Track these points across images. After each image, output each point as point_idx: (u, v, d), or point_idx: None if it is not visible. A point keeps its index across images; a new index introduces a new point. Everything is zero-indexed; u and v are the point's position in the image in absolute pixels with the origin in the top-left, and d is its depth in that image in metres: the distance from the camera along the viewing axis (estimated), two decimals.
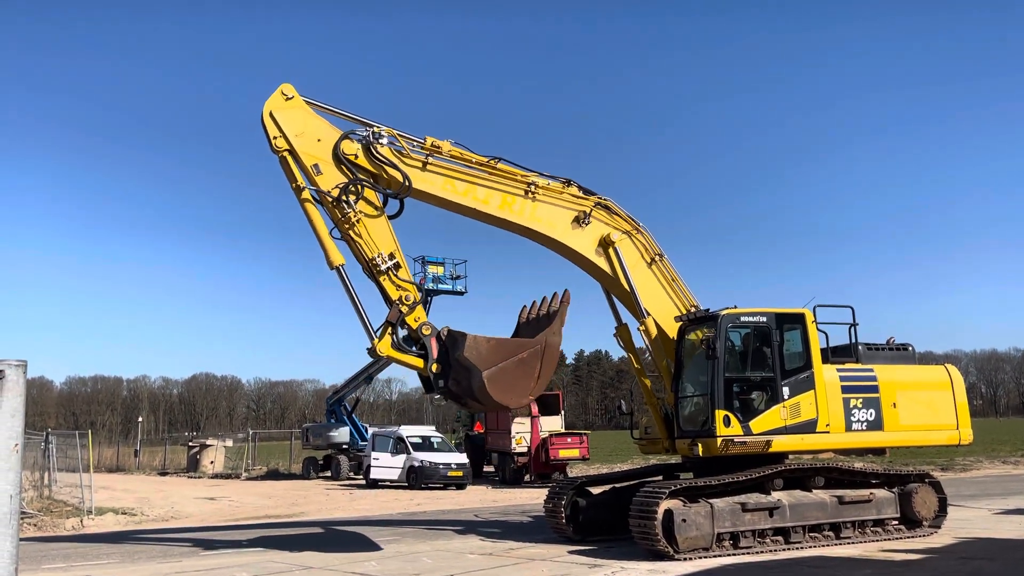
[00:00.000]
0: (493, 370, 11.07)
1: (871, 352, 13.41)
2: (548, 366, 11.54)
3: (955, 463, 30.78)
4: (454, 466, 27.95)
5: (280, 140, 11.75)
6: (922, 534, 12.82)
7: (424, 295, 34.71)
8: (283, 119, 11.84)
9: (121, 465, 50.19)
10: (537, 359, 11.40)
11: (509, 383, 11.21)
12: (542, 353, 11.46)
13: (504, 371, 11.15)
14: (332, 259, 11.49)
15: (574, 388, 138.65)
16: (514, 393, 11.37)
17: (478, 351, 11.13)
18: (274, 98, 11.94)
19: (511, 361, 11.24)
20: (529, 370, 11.33)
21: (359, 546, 13.58)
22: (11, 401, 4.38)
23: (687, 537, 11.17)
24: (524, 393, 11.49)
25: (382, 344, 11.28)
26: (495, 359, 11.15)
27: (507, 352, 11.32)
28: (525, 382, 11.36)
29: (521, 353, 11.36)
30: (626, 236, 13.65)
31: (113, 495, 26.18)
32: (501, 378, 11.13)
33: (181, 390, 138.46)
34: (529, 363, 11.35)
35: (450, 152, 12.94)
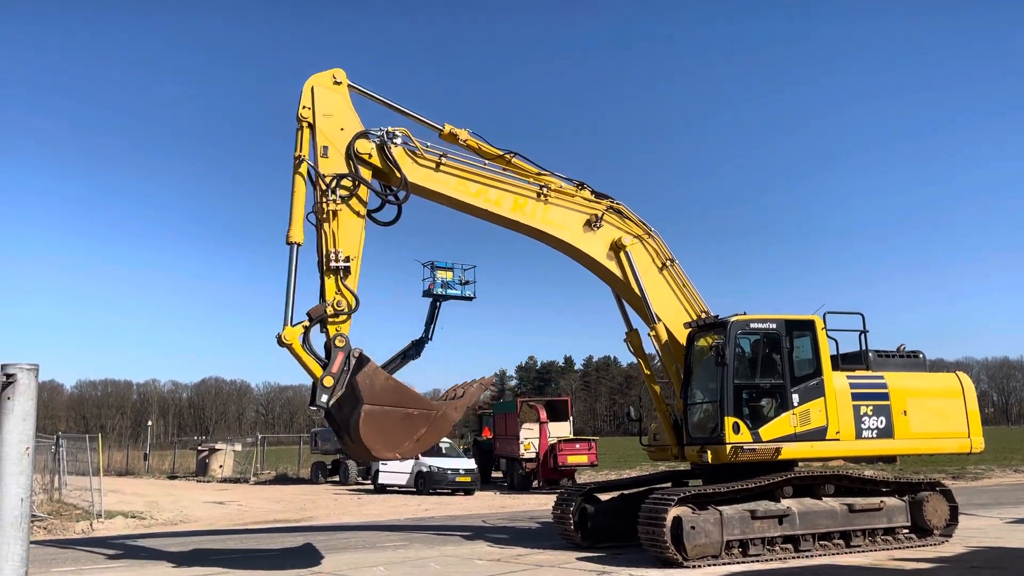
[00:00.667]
0: (375, 409, 10.41)
1: (881, 359, 13.34)
2: (433, 434, 10.85)
3: (966, 471, 30.55)
4: (462, 471, 27.93)
5: (307, 111, 11.92)
6: (933, 543, 12.73)
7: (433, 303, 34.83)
8: (320, 96, 12.03)
9: (131, 469, 50.36)
10: (425, 423, 10.67)
11: (384, 429, 10.47)
12: (433, 420, 10.77)
13: (386, 415, 10.47)
14: (292, 234, 11.25)
15: (583, 394, 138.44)
16: (384, 442, 10.51)
17: (371, 382, 10.53)
18: (323, 76, 12.16)
19: (398, 410, 10.56)
20: (411, 428, 10.59)
21: (367, 551, 13.57)
22: (22, 405, 4.40)
23: (696, 544, 11.12)
24: (394, 447, 10.61)
25: (290, 332, 10.70)
26: (384, 399, 10.51)
27: (399, 400, 10.65)
28: (400, 436, 10.56)
29: (412, 409, 10.68)
30: (637, 241, 13.65)
31: (122, 498, 26.28)
32: (379, 420, 10.43)
33: (191, 394, 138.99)
34: (415, 422, 10.63)
35: (467, 141, 13.06)
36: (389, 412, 10.49)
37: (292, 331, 10.75)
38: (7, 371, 4.39)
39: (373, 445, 10.39)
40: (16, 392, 4.38)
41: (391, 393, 10.64)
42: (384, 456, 10.62)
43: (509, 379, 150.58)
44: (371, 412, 10.39)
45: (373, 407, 10.41)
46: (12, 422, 4.37)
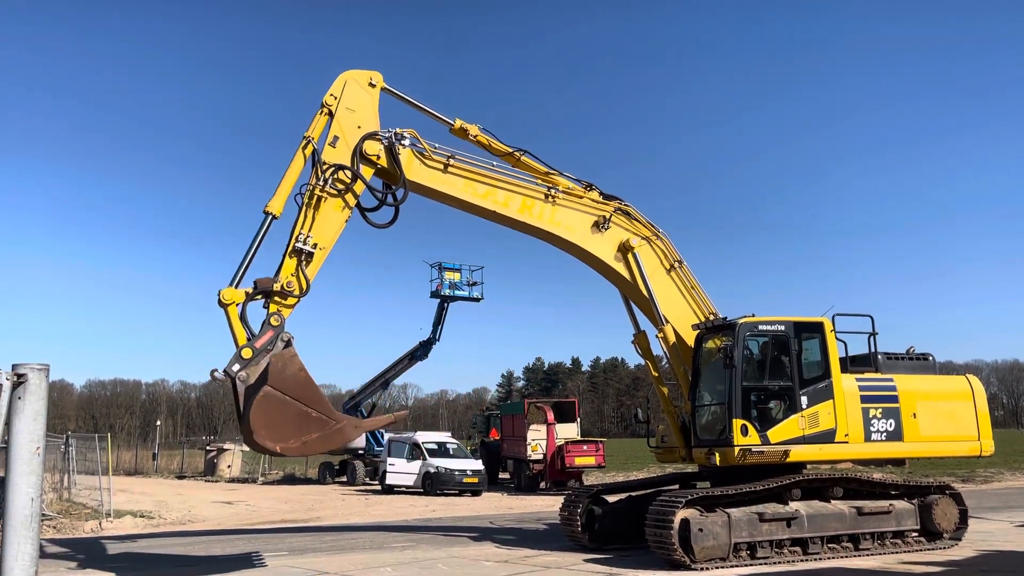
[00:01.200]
0: (276, 394, 9.92)
1: (891, 361, 13.29)
2: (322, 442, 10.27)
3: (976, 475, 30.40)
4: (469, 472, 27.94)
5: (332, 100, 12.06)
6: (943, 546, 12.67)
7: (441, 304, 34.92)
8: (350, 91, 12.19)
9: (139, 468, 50.55)
10: (319, 429, 10.10)
11: (276, 417, 9.91)
12: (328, 429, 10.18)
13: (283, 404, 9.95)
14: (272, 204, 11.20)
15: (590, 395, 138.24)
16: (270, 430, 9.92)
17: (283, 367, 10.07)
18: (361, 74, 12.34)
19: (297, 404, 10.02)
20: (303, 427, 10.01)
21: (374, 551, 13.59)
22: (33, 404, 4.43)
23: (704, 547, 11.09)
24: (278, 439, 9.97)
25: (231, 292, 10.49)
26: (288, 388, 9.99)
27: (303, 395, 10.10)
28: (288, 431, 9.97)
29: (312, 409, 10.09)
30: (645, 242, 13.64)
31: (131, 498, 26.38)
32: (274, 407, 9.92)
33: (199, 394, 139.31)
34: (309, 423, 10.05)
35: (477, 137, 13.12)
36: (288, 402, 10.01)
37: (234, 292, 10.55)
38: (18, 371, 4.42)
39: (258, 429, 9.87)
40: (27, 392, 4.40)
41: (298, 385, 10.15)
42: (265, 444, 9.97)
43: (516, 380, 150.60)
44: (270, 395, 9.95)
45: (274, 391, 9.97)
46: (23, 422, 4.39)
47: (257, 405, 9.86)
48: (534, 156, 13.44)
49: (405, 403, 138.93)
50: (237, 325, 10.47)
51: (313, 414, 10.07)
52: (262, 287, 10.77)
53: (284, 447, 9.98)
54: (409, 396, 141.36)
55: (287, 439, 9.94)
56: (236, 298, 10.51)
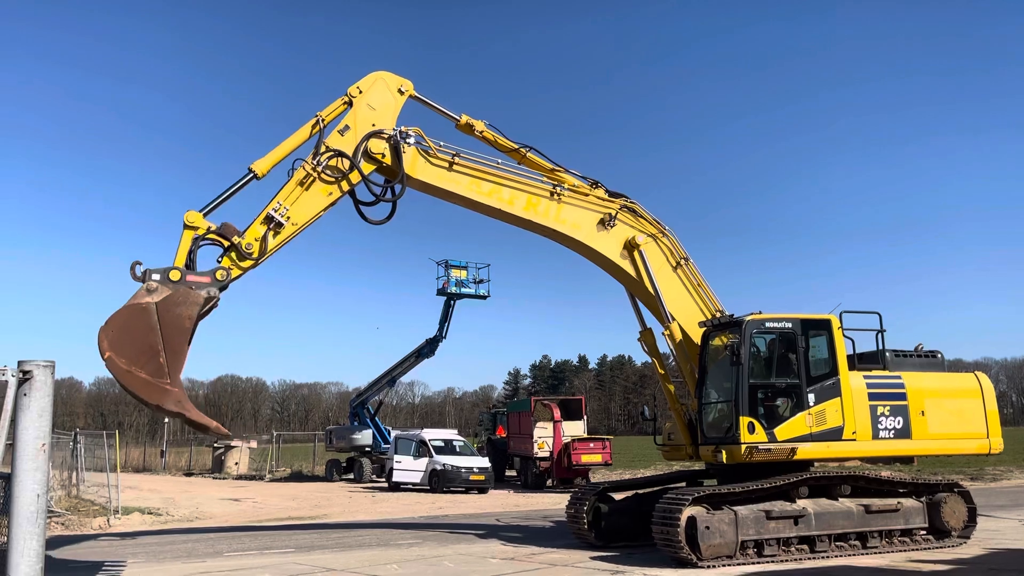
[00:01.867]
0: (152, 315, 9.61)
1: (899, 359, 13.23)
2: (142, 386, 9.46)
3: (985, 472, 30.26)
4: (476, 470, 27.94)
5: (356, 92, 12.26)
6: (951, 544, 12.61)
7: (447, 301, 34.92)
8: (377, 91, 12.41)
9: (147, 465, 50.75)
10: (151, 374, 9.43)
11: (132, 333, 9.52)
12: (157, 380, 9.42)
13: (148, 329, 9.59)
14: (260, 164, 11.30)
15: (597, 393, 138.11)
16: (117, 337, 9.46)
17: (179, 302, 9.82)
18: (393, 78, 12.58)
19: (158, 339, 9.57)
20: (142, 358, 9.45)
21: (381, 549, 13.60)
22: (39, 401, 4.44)
23: (710, 545, 11.06)
24: (117, 348, 9.41)
25: (196, 216, 10.58)
26: (164, 318, 9.64)
27: (170, 337, 9.66)
28: (129, 349, 9.43)
29: (163, 356, 9.54)
30: (651, 239, 13.61)
31: (139, 495, 26.47)
32: (139, 322, 9.59)
33: (207, 391, 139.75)
34: (150, 362, 9.48)
35: (483, 133, 13.13)
36: (153, 330, 9.62)
37: (199, 218, 10.66)
38: (24, 368, 4.43)
39: (112, 326, 9.54)
40: (33, 389, 4.41)
41: (175, 327, 9.75)
42: (102, 340, 9.45)
43: (523, 378, 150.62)
44: (146, 312, 9.68)
45: (154, 312, 9.67)
46: (28, 418, 4.40)
47: (130, 310, 9.70)
48: (540, 153, 13.43)
49: (412, 400, 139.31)
50: (183, 248, 10.56)
51: (160, 359, 9.57)
52: (224, 232, 10.83)
53: (112, 358, 9.47)
54: (416, 393, 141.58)
55: (122, 355, 9.47)
56: (198, 223, 10.64)
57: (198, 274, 10.41)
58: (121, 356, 9.43)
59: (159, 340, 9.62)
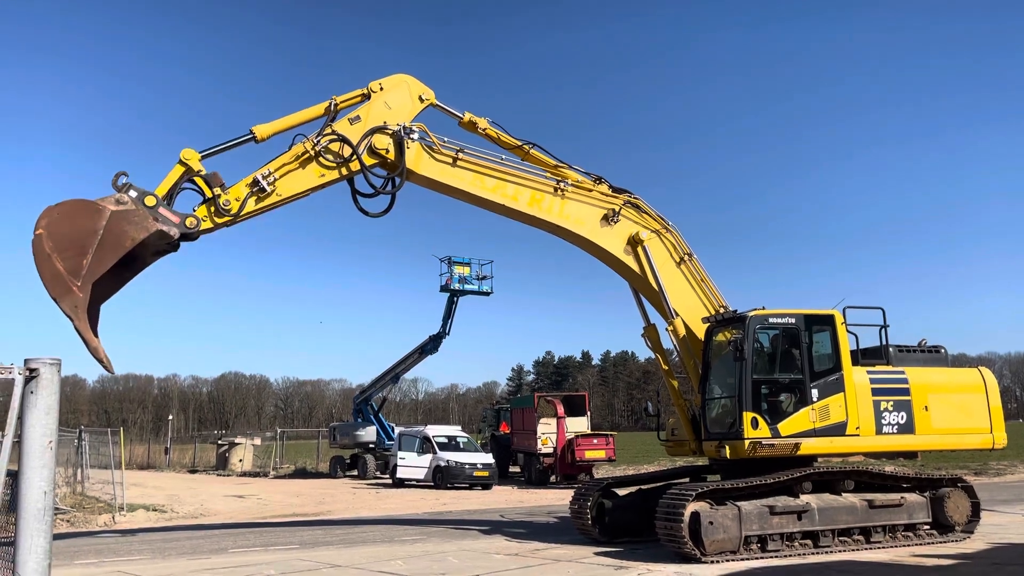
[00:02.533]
0: (101, 217, 9.57)
1: (902, 354, 13.23)
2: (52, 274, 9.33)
3: (989, 467, 30.26)
4: (480, 466, 28.00)
5: (377, 87, 12.45)
6: (954, 539, 12.62)
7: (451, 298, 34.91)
8: (399, 91, 12.61)
9: (152, 462, 50.89)
10: (69, 268, 9.32)
11: (74, 223, 9.48)
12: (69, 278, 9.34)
13: (91, 230, 9.53)
14: (262, 128, 11.50)
15: (600, 389, 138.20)
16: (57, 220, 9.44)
17: (133, 220, 9.80)
18: (416, 84, 12.81)
19: (94, 241, 9.48)
20: (69, 250, 9.39)
21: (385, 545, 13.64)
22: (45, 399, 4.46)
23: (714, 540, 11.08)
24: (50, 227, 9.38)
25: (192, 154, 10.88)
26: (112, 226, 9.60)
27: (107, 245, 9.57)
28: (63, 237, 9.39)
29: (88, 257, 9.44)
30: (655, 235, 13.62)
31: (144, 492, 26.55)
32: (84, 218, 9.52)
33: (210, 388, 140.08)
34: (74, 257, 9.38)
35: (486, 130, 13.22)
36: (93, 235, 9.54)
37: (195, 157, 10.92)
38: (30, 366, 4.44)
39: (56, 209, 9.52)
40: (39, 386, 4.43)
41: (114, 243, 9.69)
42: (39, 219, 9.43)
43: (526, 374, 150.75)
44: (98, 213, 9.66)
45: (104, 219, 9.65)
46: (35, 416, 4.42)
47: (85, 204, 9.72)
48: (543, 149, 13.46)
49: (415, 397, 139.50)
50: (169, 181, 10.77)
51: (83, 260, 9.47)
52: (211, 181, 11.01)
53: (43, 235, 9.39)
54: (419, 390, 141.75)
55: (51, 237, 9.40)
56: (191, 162, 10.86)
57: (171, 211, 10.48)
58: (50, 239, 9.43)
59: (94, 244, 9.57)
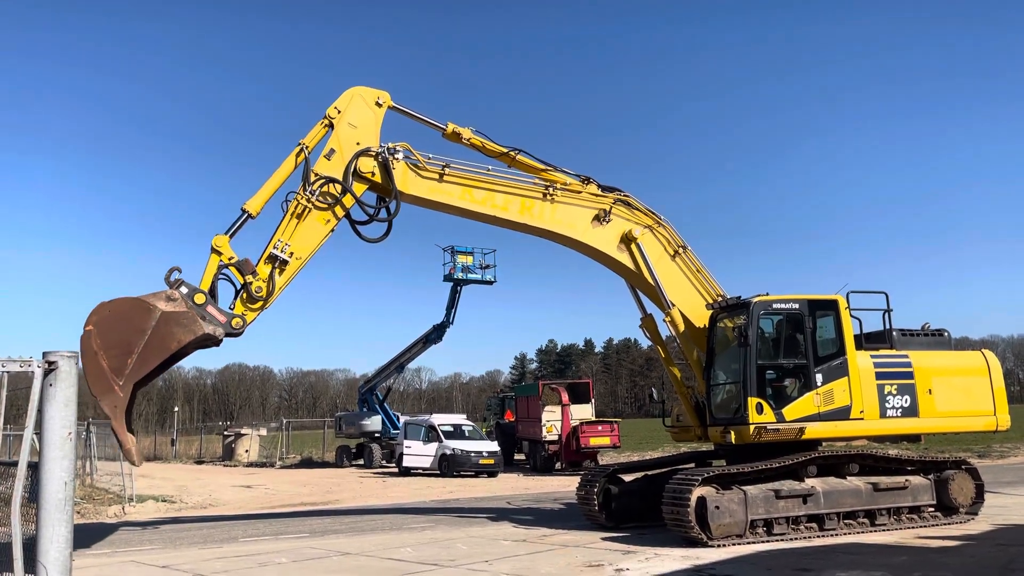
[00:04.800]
0: (151, 318, 9.78)
1: (906, 338, 13.29)
2: (97, 376, 9.76)
3: (992, 450, 30.36)
4: (485, 454, 28.12)
5: (336, 113, 12.20)
6: (959, 521, 12.71)
7: (454, 287, 34.95)
8: (356, 107, 12.32)
9: (158, 454, 51.11)
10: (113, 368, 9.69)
11: (123, 322, 9.74)
12: (110, 379, 9.71)
13: (138, 330, 9.73)
14: (252, 203, 11.46)
15: (604, 376, 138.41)
16: (106, 319, 9.69)
17: (181, 323, 9.96)
18: (369, 91, 12.46)
19: (139, 342, 9.71)
20: (113, 351, 9.69)
21: (394, 532, 13.76)
22: (64, 391, 4.54)
23: (720, 524, 11.18)
24: (99, 324, 9.67)
25: (224, 241, 11.01)
26: (160, 328, 9.81)
27: (152, 346, 9.82)
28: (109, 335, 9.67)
29: (134, 358, 9.75)
30: (648, 230, 13.63)
31: (152, 483, 26.72)
32: (134, 316, 9.77)
33: (215, 380, 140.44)
34: (118, 358, 9.69)
35: (470, 140, 13.10)
36: (142, 335, 9.75)
37: (225, 243, 11.08)
38: (49, 359, 4.52)
39: (107, 307, 9.77)
40: (58, 379, 4.51)
41: (160, 344, 9.88)
42: (92, 315, 9.70)
43: (530, 362, 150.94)
44: (150, 313, 9.85)
45: (156, 319, 9.83)
46: (55, 408, 4.50)
47: (137, 303, 9.97)
48: (529, 154, 13.38)
49: (420, 386, 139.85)
50: (209, 274, 10.93)
51: (130, 360, 9.74)
52: (242, 268, 11.12)
53: (92, 331, 9.67)
54: (423, 379, 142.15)
55: (100, 334, 9.66)
56: (224, 249, 11.00)
57: (218, 310, 10.71)
58: (99, 337, 9.68)
59: (140, 344, 9.79)
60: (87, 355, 9.59)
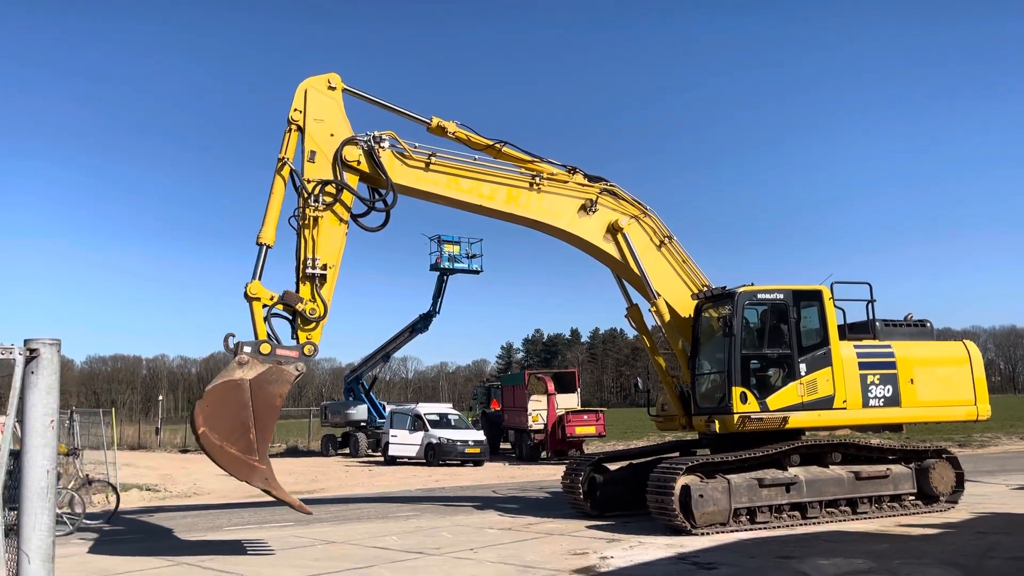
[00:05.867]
0: (246, 393, 10.09)
1: (889, 328, 13.40)
2: (232, 461, 10.15)
3: (972, 439, 30.71)
4: (471, 443, 28.18)
5: (298, 115, 11.84)
6: (939, 509, 12.86)
7: (441, 276, 34.94)
8: (313, 100, 11.95)
9: (143, 443, 50.83)
10: (241, 450, 10.09)
11: (225, 409, 10.05)
12: (247, 457, 10.14)
13: (241, 406, 10.10)
14: (263, 234, 11.21)
15: (589, 366, 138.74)
16: (211, 413, 10.00)
17: (272, 380, 10.26)
18: (318, 79, 12.10)
19: (250, 416, 10.10)
20: (233, 435, 10.06)
21: (379, 521, 13.78)
22: (46, 378, 4.49)
23: (704, 512, 11.26)
24: (209, 423, 9.96)
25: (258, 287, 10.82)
26: (257, 396, 10.12)
27: (261, 415, 10.19)
28: (222, 425, 10.01)
29: (253, 432, 10.12)
30: (634, 221, 13.66)
31: (137, 472, 26.62)
32: (232, 400, 10.05)
33: (199, 369, 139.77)
34: (240, 439, 10.09)
35: (455, 133, 12.94)
36: (246, 408, 10.13)
37: (260, 288, 10.88)
38: (31, 346, 4.48)
39: (206, 402, 10.02)
40: (40, 366, 4.46)
41: (267, 405, 10.27)
42: (196, 416, 9.98)
43: (516, 352, 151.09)
44: (240, 390, 10.13)
45: (247, 391, 10.13)
46: (36, 395, 4.46)
47: (224, 387, 10.12)
48: (515, 146, 13.31)
49: (406, 375, 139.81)
50: (259, 322, 10.87)
51: (251, 435, 10.14)
52: (288, 301, 11.05)
53: (206, 433, 9.98)
54: (409, 368, 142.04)
55: (215, 430, 10.00)
56: (261, 294, 10.86)
57: (287, 347, 10.72)
58: (214, 431, 9.99)
59: (251, 417, 10.17)
60: (214, 451, 9.99)
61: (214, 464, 10.19)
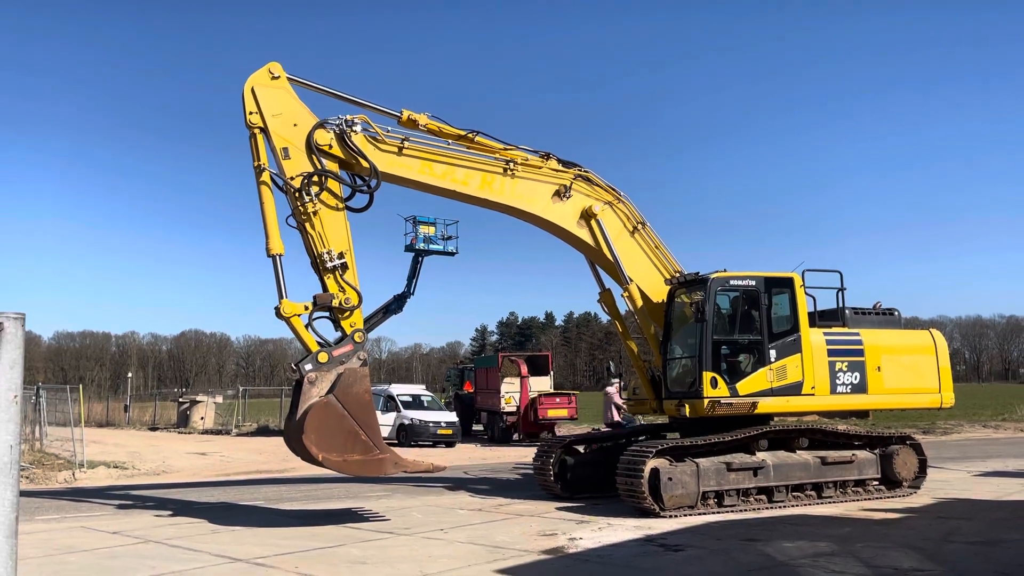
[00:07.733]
0: (337, 405, 10.46)
1: (857, 316, 13.57)
2: (359, 466, 10.64)
3: (936, 426, 31.28)
4: (444, 424, 28.22)
5: (255, 117, 11.54)
6: (902, 494, 13.11)
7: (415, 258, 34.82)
8: (263, 96, 11.63)
9: (111, 420, 50.31)
10: (363, 453, 10.51)
11: (330, 429, 10.39)
12: (371, 456, 10.55)
13: (340, 419, 10.48)
14: (272, 246, 11.17)
15: (563, 349, 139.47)
16: (321, 438, 10.33)
17: (352, 382, 10.62)
18: (259, 74, 11.75)
19: (352, 422, 10.49)
20: (350, 445, 10.47)
21: (350, 500, 13.77)
22: (10, 353, 4.42)
23: (673, 495, 11.38)
24: (325, 448, 10.35)
25: (289, 304, 10.92)
26: (350, 405, 10.54)
27: (360, 415, 10.60)
28: (336, 443, 10.40)
29: (364, 433, 10.54)
30: (608, 207, 13.68)
31: (104, 449, 26.33)
32: (331, 418, 10.43)
33: (170, 346, 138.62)
34: (356, 444, 10.48)
35: (427, 125, 12.73)
36: (345, 418, 10.49)
37: (292, 305, 11.00)
38: None
39: (310, 432, 10.30)
40: (3, 340, 4.39)
41: (360, 405, 10.68)
42: (311, 448, 10.30)
43: (490, 334, 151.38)
44: (332, 405, 10.48)
45: (337, 403, 10.50)
46: (0, 370, 4.39)
47: (317, 410, 10.39)
48: (488, 135, 13.20)
49: (379, 356, 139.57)
50: (305, 334, 11.04)
51: (363, 436, 10.54)
52: (321, 303, 11.15)
53: (326, 457, 10.37)
54: (383, 349, 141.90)
55: (331, 450, 10.38)
56: (296, 310, 10.97)
57: (340, 346, 10.93)
58: (331, 452, 10.40)
59: (354, 423, 10.55)
60: (341, 467, 10.55)
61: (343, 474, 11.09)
